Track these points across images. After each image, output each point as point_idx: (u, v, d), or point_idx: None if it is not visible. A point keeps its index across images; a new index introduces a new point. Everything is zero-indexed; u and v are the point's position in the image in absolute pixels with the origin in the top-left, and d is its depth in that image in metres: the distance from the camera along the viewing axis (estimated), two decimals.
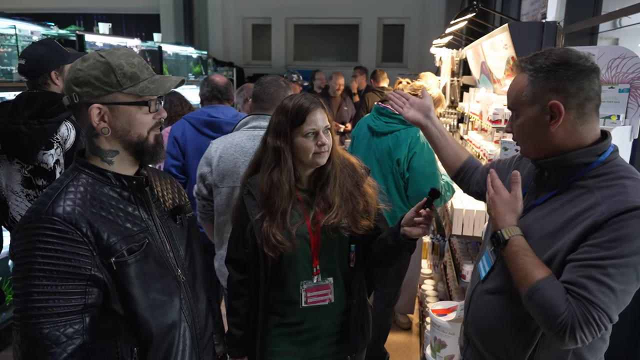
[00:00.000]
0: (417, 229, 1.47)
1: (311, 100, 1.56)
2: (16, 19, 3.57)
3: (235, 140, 2.14)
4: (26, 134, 2.08)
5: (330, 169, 1.60)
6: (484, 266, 1.43)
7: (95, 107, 1.17)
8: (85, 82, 1.16)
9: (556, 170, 1.26)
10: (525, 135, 1.27)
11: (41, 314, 1.07)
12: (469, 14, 3.34)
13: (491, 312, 1.35)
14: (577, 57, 1.20)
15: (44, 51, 2.24)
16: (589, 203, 1.16)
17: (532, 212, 1.30)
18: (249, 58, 10.90)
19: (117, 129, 1.20)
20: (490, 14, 5.36)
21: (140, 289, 1.19)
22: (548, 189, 1.29)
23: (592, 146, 1.21)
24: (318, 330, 1.64)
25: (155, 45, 5.78)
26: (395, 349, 3.34)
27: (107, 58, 1.18)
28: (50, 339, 1.07)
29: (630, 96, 1.86)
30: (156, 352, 1.24)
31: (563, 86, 1.18)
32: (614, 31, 3.04)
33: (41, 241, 1.08)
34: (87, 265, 1.12)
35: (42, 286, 1.08)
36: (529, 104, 1.22)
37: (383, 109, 2.74)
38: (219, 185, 2.13)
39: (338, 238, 1.60)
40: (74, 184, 1.18)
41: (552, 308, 1.11)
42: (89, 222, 1.13)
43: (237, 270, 1.68)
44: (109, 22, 5.13)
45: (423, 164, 2.57)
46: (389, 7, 9.91)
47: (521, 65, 1.26)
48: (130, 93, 1.20)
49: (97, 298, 1.14)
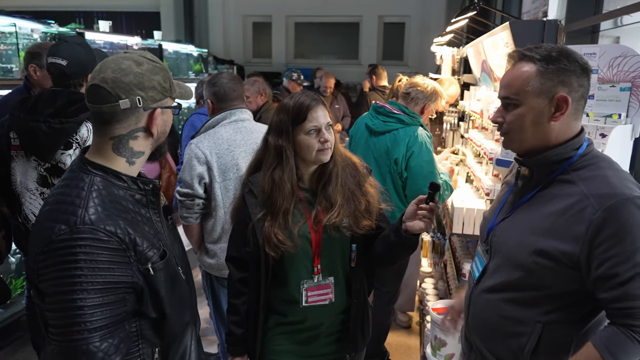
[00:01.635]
0: (419, 223, 1.46)
1: (312, 97, 1.56)
2: (16, 16, 3.56)
3: (224, 136, 2.23)
4: (45, 132, 2.06)
5: (332, 167, 1.60)
6: (477, 267, 1.44)
7: (159, 110, 1.21)
8: (151, 87, 1.18)
9: (539, 168, 1.29)
10: (522, 125, 1.26)
11: (93, 328, 1.06)
12: (470, 12, 3.33)
13: (490, 311, 1.35)
14: (579, 56, 1.23)
15: (84, 53, 2.23)
16: (576, 196, 1.19)
17: (519, 210, 1.33)
18: (249, 56, 10.89)
19: (159, 132, 1.24)
20: (491, 12, 5.36)
21: (169, 290, 1.20)
22: (532, 187, 1.32)
23: (571, 140, 1.25)
24: (318, 329, 1.64)
25: (156, 43, 5.77)
26: (396, 347, 3.34)
27: (160, 64, 1.23)
28: (103, 350, 1.07)
29: (631, 95, 1.85)
30: (176, 351, 1.26)
31: (570, 80, 1.20)
32: (615, 29, 3.03)
33: (83, 252, 1.05)
34: (127, 273, 1.12)
35: (89, 299, 1.05)
36: (536, 94, 1.22)
37: (381, 108, 2.74)
38: (220, 180, 2.19)
39: (339, 237, 1.60)
40: (95, 189, 1.13)
41: (625, 347, 1.14)
42: (125, 228, 1.12)
43: (238, 268, 1.68)
44: (109, 20, 5.12)
45: (421, 164, 2.57)
46: (390, 5, 9.90)
47: (525, 54, 1.25)
48: (174, 98, 1.26)
49: (133, 304, 1.15)
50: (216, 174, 2.18)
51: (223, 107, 2.33)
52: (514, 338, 1.30)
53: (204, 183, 2.20)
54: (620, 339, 1.15)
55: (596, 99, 1.92)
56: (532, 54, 1.24)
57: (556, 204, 1.22)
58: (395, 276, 2.97)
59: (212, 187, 2.19)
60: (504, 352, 1.33)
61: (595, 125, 1.86)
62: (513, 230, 1.32)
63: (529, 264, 1.24)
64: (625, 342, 1.14)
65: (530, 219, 1.27)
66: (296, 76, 5.41)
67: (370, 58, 9.91)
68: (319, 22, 10.50)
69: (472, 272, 1.47)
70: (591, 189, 1.18)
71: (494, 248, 1.37)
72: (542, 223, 1.23)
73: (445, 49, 5.04)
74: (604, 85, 1.90)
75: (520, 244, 1.27)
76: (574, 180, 1.22)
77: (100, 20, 5.02)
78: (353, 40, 10.45)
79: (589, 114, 1.92)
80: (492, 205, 1.52)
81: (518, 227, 1.30)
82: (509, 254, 1.30)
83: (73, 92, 2.17)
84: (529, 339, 1.27)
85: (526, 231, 1.27)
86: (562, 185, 1.24)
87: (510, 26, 2.21)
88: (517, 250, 1.27)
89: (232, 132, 2.25)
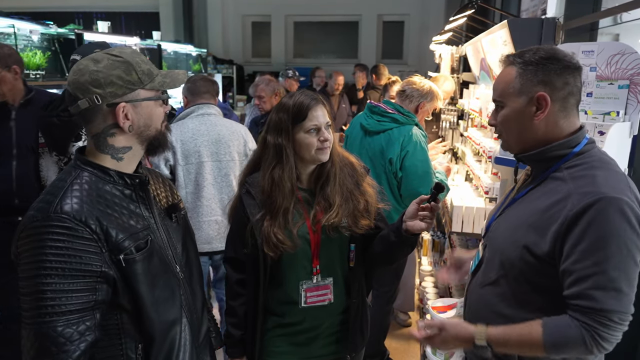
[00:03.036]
0: (420, 224, 1.45)
1: (311, 97, 1.56)
2: (15, 17, 3.56)
3: (190, 126, 2.62)
4: (57, 125, 2.23)
5: (330, 167, 1.59)
6: (474, 261, 1.47)
7: (122, 105, 1.18)
8: (108, 83, 1.17)
9: (534, 164, 1.32)
10: (509, 126, 1.30)
11: (54, 312, 1.08)
12: (469, 11, 3.33)
13: (484, 305, 1.37)
14: (564, 54, 1.25)
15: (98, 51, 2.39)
16: (562, 194, 1.21)
17: (513, 206, 1.36)
18: (248, 56, 10.89)
19: (139, 125, 1.23)
20: (490, 11, 5.35)
21: (147, 285, 1.20)
22: (528, 184, 1.35)
23: (567, 138, 1.26)
24: (317, 330, 1.64)
25: (155, 43, 5.77)
26: (396, 346, 3.34)
27: (124, 57, 1.20)
28: (65, 336, 1.08)
29: (629, 92, 1.85)
30: (160, 349, 1.25)
31: (550, 79, 1.23)
32: (614, 27, 3.02)
33: (51, 239, 1.08)
34: (97, 262, 1.12)
35: (54, 284, 1.07)
36: (517, 95, 1.26)
37: (375, 107, 2.73)
38: (183, 164, 2.58)
39: (338, 238, 1.60)
40: (78, 182, 1.18)
41: (570, 339, 1.15)
42: (98, 219, 1.14)
43: (235, 270, 1.68)
44: (108, 21, 5.12)
45: (416, 163, 2.56)
46: (389, 4, 9.90)
47: (509, 59, 1.30)
48: (150, 89, 1.23)
49: (106, 294, 1.15)
50: (179, 157, 2.55)
51: (194, 101, 2.71)
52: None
53: (169, 165, 2.57)
54: (570, 330, 1.14)
55: (594, 96, 1.92)
56: (516, 57, 1.28)
57: (544, 201, 1.24)
58: (393, 276, 2.97)
59: (176, 169, 2.57)
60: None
61: (594, 122, 1.86)
62: (504, 225, 1.35)
63: (515, 259, 1.26)
64: (573, 336, 1.14)
65: (519, 215, 1.30)
66: (291, 73, 5.43)
67: (369, 57, 9.90)
68: (318, 21, 10.49)
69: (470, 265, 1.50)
70: (577, 187, 1.19)
71: (489, 243, 1.40)
72: (528, 219, 1.25)
73: (444, 48, 5.03)
74: (602, 82, 1.90)
75: (507, 239, 1.30)
76: (565, 178, 1.23)
77: (99, 21, 5.02)
78: (352, 40, 10.45)
79: (587, 111, 1.92)
80: (497, 202, 1.55)
81: (508, 223, 1.33)
82: (499, 248, 1.33)
83: None
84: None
85: (514, 227, 1.29)
86: (554, 182, 1.25)
87: (509, 24, 2.21)
88: (505, 245, 1.30)
89: (198, 123, 2.62)
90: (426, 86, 2.76)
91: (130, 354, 1.21)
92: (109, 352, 1.19)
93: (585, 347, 1.14)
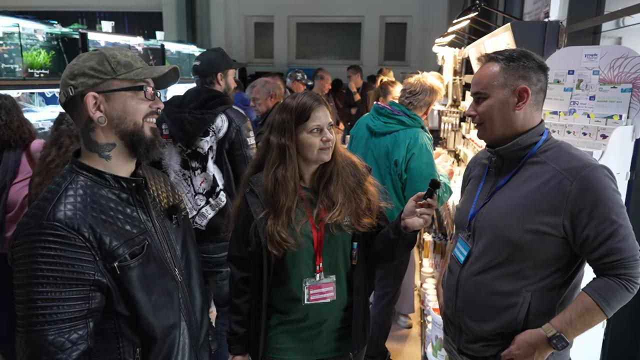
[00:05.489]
0: (418, 220, 1.48)
1: (314, 97, 1.58)
2: (19, 17, 3.57)
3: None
4: (190, 121, 2.45)
5: (332, 166, 1.61)
6: (461, 253, 1.56)
7: (91, 95, 1.16)
8: (80, 74, 1.16)
9: (510, 154, 1.47)
10: (492, 115, 1.45)
11: (45, 321, 1.06)
12: (472, 13, 3.33)
13: (481, 290, 1.49)
14: (535, 55, 1.46)
15: (214, 56, 2.67)
16: (550, 174, 1.39)
17: (497, 194, 1.49)
18: (251, 56, 10.91)
19: (113, 118, 1.18)
20: (493, 13, 5.35)
21: (143, 291, 1.18)
22: (505, 172, 1.50)
23: (534, 128, 1.46)
24: (320, 327, 1.65)
25: (158, 43, 5.78)
26: (397, 347, 3.35)
27: (101, 50, 1.20)
28: (56, 345, 1.06)
29: (632, 96, 1.86)
30: (158, 353, 1.23)
31: (529, 75, 1.43)
32: (617, 30, 3.03)
33: (43, 247, 1.07)
34: (90, 271, 1.11)
35: (46, 293, 1.06)
36: (501, 87, 1.43)
37: (382, 109, 2.74)
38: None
39: (341, 236, 1.61)
40: (72, 187, 1.16)
41: (617, 294, 1.33)
42: (91, 227, 1.12)
43: (239, 268, 1.69)
44: (112, 20, 5.13)
45: (421, 166, 2.57)
46: (392, 5, 9.91)
47: (490, 56, 1.49)
48: (125, 79, 1.19)
49: (100, 302, 1.13)
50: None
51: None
52: (506, 311, 1.45)
53: None
54: (610, 286, 1.33)
55: (597, 99, 1.93)
56: (497, 55, 1.47)
57: (532, 183, 1.41)
58: (395, 276, 2.97)
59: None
60: (498, 326, 1.46)
61: (596, 126, 1.87)
62: (497, 211, 1.47)
63: (518, 239, 1.40)
64: (615, 288, 1.33)
65: (511, 200, 1.44)
66: (300, 76, 5.41)
67: (372, 58, 9.93)
68: (321, 22, 10.51)
69: (455, 258, 1.58)
70: (562, 164, 1.38)
71: (478, 232, 1.51)
72: (523, 201, 1.41)
73: (447, 50, 5.04)
74: (605, 86, 1.91)
75: (506, 222, 1.43)
76: (544, 161, 1.42)
77: (103, 21, 5.03)
78: (355, 41, 10.46)
79: (590, 114, 1.92)
80: (465, 197, 1.66)
81: (501, 208, 1.46)
82: (497, 233, 1.45)
83: (212, 89, 2.58)
84: (520, 309, 1.42)
85: (510, 210, 1.43)
86: (533, 166, 1.43)
87: (512, 27, 2.22)
88: (504, 229, 1.42)
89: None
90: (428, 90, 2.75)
91: (127, 358, 1.19)
92: (106, 356, 1.18)
93: (630, 294, 1.34)
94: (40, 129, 3.39)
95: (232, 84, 2.72)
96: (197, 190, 2.50)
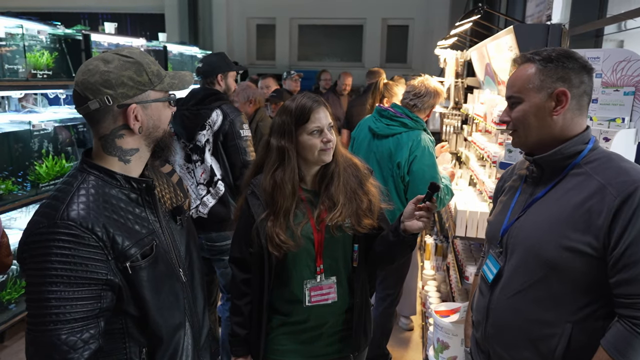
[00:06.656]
0: (417, 223, 1.48)
1: (313, 99, 1.59)
2: (23, 18, 3.58)
3: None
4: (187, 117, 2.68)
5: (334, 167, 1.62)
6: (490, 269, 1.42)
7: (133, 107, 1.18)
8: (119, 84, 1.16)
9: (551, 164, 1.33)
10: (527, 121, 1.32)
11: (59, 320, 1.06)
12: (474, 16, 3.33)
13: (515, 315, 1.33)
14: (579, 55, 1.30)
15: (215, 59, 2.87)
16: (594, 187, 1.22)
17: (534, 206, 1.34)
18: (253, 58, 10.91)
19: (148, 127, 1.23)
20: (495, 16, 5.36)
21: (152, 291, 1.19)
22: (545, 183, 1.35)
23: (579, 135, 1.31)
24: (321, 328, 1.65)
25: (160, 44, 5.80)
26: (398, 350, 3.34)
27: (134, 57, 1.19)
28: (68, 344, 1.07)
29: (635, 99, 1.86)
30: (164, 353, 1.24)
31: (569, 76, 1.27)
32: (619, 33, 3.03)
33: (57, 247, 1.07)
34: (102, 270, 1.11)
35: (59, 292, 1.06)
36: (537, 90, 1.29)
37: (384, 111, 2.74)
38: None
39: (342, 237, 1.62)
40: (84, 187, 1.16)
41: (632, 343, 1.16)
42: (104, 227, 1.12)
43: (241, 270, 1.69)
44: (114, 22, 5.14)
45: (424, 168, 2.57)
46: (394, 7, 9.90)
47: (526, 57, 1.33)
48: (160, 90, 1.23)
49: (111, 302, 1.14)
50: None
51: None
52: (543, 341, 1.28)
53: None
54: (625, 335, 1.16)
55: (600, 102, 1.93)
56: (534, 55, 1.32)
57: (574, 197, 1.25)
58: (396, 279, 2.97)
59: None
60: (533, 357, 1.31)
61: (599, 129, 1.87)
62: (532, 226, 1.31)
63: (555, 259, 1.24)
64: (630, 338, 1.15)
65: (549, 214, 1.29)
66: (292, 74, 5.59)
67: (373, 60, 9.92)
68: (323, 24, 10.51)
69: (484, 279, 1.44)
70: (608, 178, 1.21)
71: (511, 249, 1.35)
72: (563, 216, 1.25)
73: (449, 52, 5.04)
74: (607, 89, 1.91)
75: (542, 239, 1.27)
76: (588, 172, 1.26)
77: (105, 22, 5.05)
78: (357, 43, 10.45)
79: (593, 117, 1.92)
80: (498, 209, 1.51)
81: (538, 223, 1.30)
82: (532, 251, 1.29)
83: (210, 88, 2.79)
84: (560, 341, 1.26)
85: (547, 226, 1.27)
86: (577, 178, 1.28)
87: (514, 30, 2.22)
88: (540, 246, 1.27)
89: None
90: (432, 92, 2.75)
91: (134, 358, 1.20)
92: (113, 356, 1.18)
93: None
94: (44, 130, 3.39)
95: (232, 85, 2.89)
96: (198, 181, 2.73)
